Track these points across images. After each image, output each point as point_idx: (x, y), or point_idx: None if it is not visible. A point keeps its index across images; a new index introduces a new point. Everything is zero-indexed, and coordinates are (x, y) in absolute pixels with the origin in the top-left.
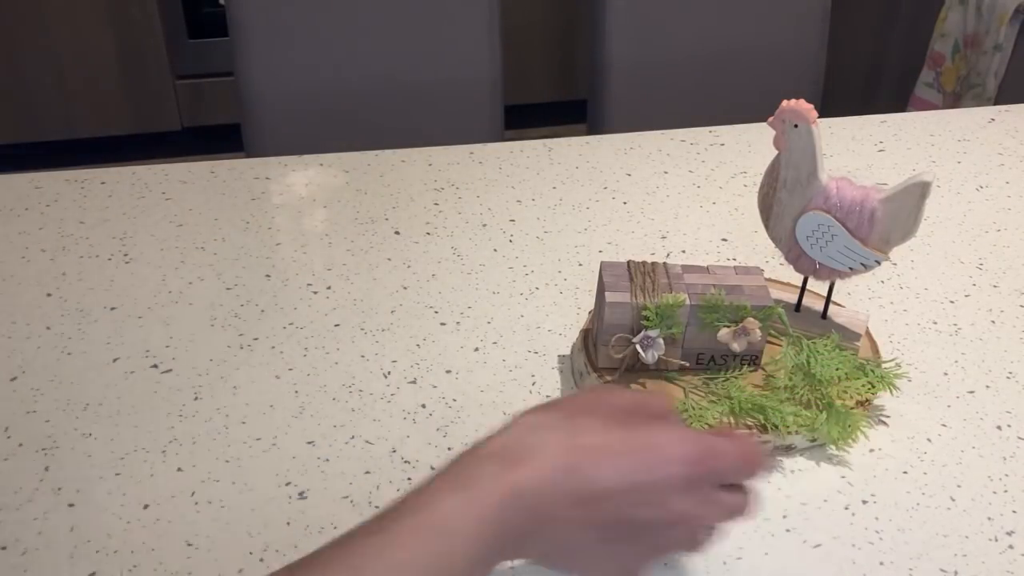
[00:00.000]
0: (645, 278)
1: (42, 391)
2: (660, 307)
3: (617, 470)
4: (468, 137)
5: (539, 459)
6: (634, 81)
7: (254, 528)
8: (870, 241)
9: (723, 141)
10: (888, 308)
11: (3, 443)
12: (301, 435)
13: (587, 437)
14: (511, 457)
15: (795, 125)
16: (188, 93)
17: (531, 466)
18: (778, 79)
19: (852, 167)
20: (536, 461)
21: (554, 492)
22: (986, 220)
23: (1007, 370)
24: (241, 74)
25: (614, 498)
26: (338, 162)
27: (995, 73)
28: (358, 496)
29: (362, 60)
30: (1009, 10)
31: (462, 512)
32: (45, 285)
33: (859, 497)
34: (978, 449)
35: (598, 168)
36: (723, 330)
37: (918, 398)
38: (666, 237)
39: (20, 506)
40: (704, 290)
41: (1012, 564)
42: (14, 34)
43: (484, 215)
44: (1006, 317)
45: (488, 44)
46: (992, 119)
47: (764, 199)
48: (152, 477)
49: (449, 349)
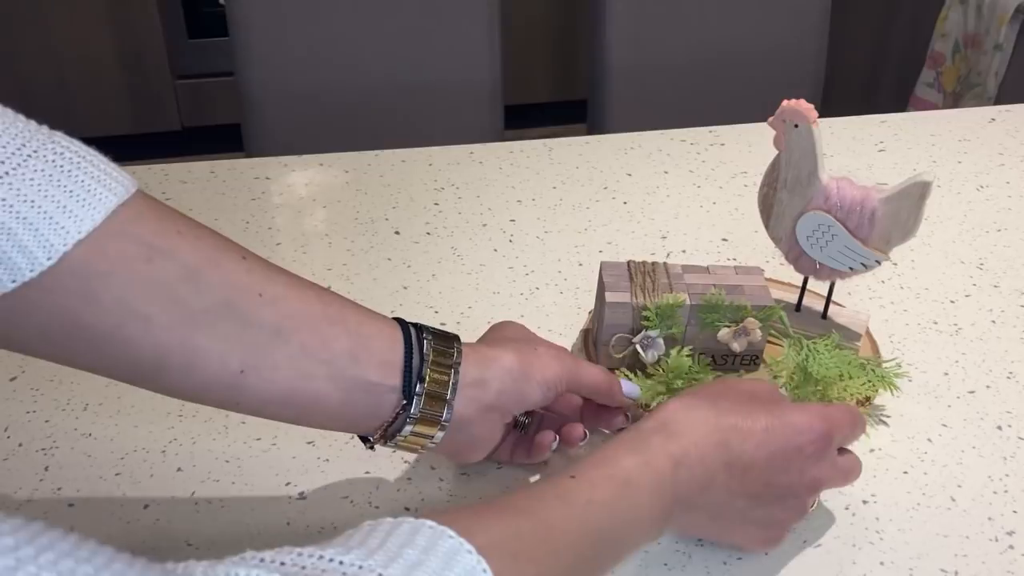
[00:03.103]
0: (645, 278)
1: (42, 391)
2: (660, 307)
3: (759, 444)
4: (468, 137)
5: (695, 434)
6: (634, 81)
7: (254, 528)
8: (870, 241)
9: (723, 141)
10: (888, 308)
11: (3, 443)
12: (301, 435)
13: (730, 417)
14: (672, 430)
15: (795, 125)
16: (188, 93)
17: (690, 439)
18: (778, 79)
19: (852, 167)
20: (694, 435)
21: (711, 462)
22: (986, 220)
23: (1007, 370)
24: (241, 74)
25: (758, 467)
26: (338, 162)
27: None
28: (358, 496)
29: (362, 60)
30: (1009, 10)
31: (641, 470)
32: None
33: (859, 497)
34: (978, 449)
35: (598, 168)
36: (723, 330)
37: (918, 398)
38: (666, 237)
39: (20, 506)
40: (704, 290)
41: (1012, 564)
42: (14, 34)
43: (484, 215)
44: (1006, 317)
45: (488, 44)
46: (992, 119)
47: (764, 199)
48: (152, 477)
49: None
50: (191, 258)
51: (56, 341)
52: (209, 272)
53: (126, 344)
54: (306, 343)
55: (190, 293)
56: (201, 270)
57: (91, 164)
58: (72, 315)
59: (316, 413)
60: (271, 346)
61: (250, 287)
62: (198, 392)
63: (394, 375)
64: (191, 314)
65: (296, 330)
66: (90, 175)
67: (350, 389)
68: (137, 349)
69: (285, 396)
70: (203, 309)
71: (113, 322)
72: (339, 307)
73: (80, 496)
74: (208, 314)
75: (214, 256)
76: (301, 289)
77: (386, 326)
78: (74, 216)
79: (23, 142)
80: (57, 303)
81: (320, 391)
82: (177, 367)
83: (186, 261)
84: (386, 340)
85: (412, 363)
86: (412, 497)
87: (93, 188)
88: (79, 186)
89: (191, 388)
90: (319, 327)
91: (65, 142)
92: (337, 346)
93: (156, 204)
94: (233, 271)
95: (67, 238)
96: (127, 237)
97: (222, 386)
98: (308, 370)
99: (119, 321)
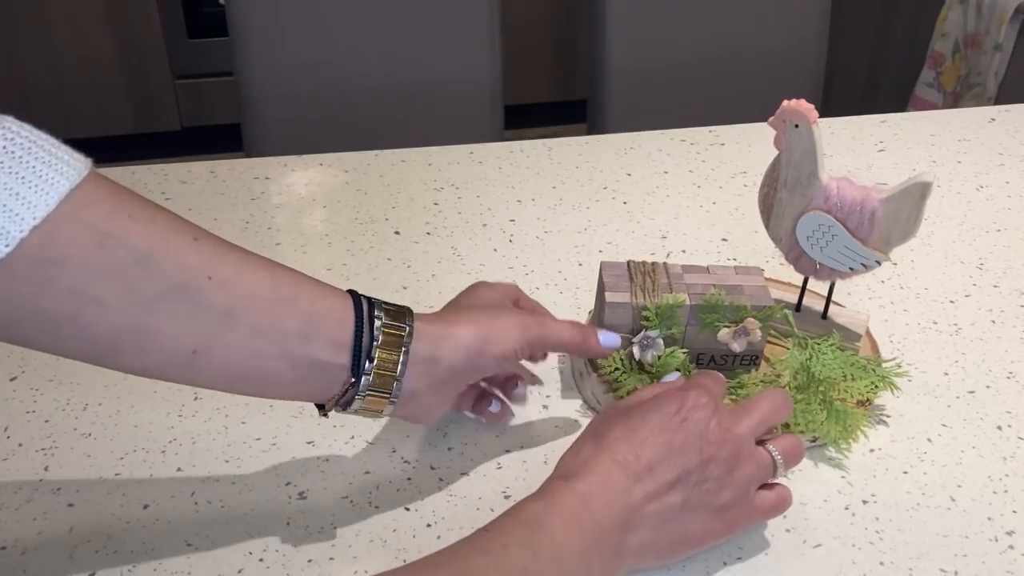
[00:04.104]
0: (645, 278)
1: (42, 391)
2: (660, 307)
3: (646, 441)
4: (468, 137)
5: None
6: (634, 81)
7: (254, 528)
8: (870, 241)
9: (723, 141)
10: (888, 308)
11: (3, 443)
12: (301, 435)
13: (612, 435)
14: (570, 473)
15: (795, 125)
16: (188, 93)
17: (588, 473)
18: (778, 79)
19: (852, 167)
20: (589, 469)
21: (617, 483)
22: (986, 220)
23: (1007, 370)
24: (241, 74)
25: (660, 459)
26: (338, 162)
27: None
28: (358, 496)
29: (362, 60)
30: (1009, 10)
31: (549, 510)
32: None
33: (859, 497)
34: (978, 449)
35: (598, 168)
36: (723, 330)
37: (918, 398)
38: (666, 237)
39: (20, 506)
40: (704, 290)
41: (1012, 564)
42: (14, 34)
43: (484, 215)
44: (1006, 317)
45: (488, 44)
46: (992, 119)
47: (764, 199)
48: (152, 477)
49: None
50: (142, 243)
51: (11, 326)
52: (160, 256)
53: (81, 328)
54: (256, 324)
55: (141, 277)
56: (151, 254)
57: (42, 149)
58: (28, 301)
59: (269, 389)
60: (222, 328)
61: (200, 270)
62: (153, 371)
63: (344, 354)
64: (143, 298)
65: (246, 312)
66: (41, 160)
67: (301, 367)
68: (92, 332)
69: (238, 374)
70: (155, 293)
71: (68, 307)
72: (290, 286)
73: (80, 496)
74: (159, 298)
75: (165, 239)
76: (252, 270)
77: (338, 304)
78: (27, 203)
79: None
80: (12, 289)
81: (272, 369)
82: (131, 348)
83: (137, 245)
84: (337, 319)
85: (362, 343)
86: (412, 497)
87: (45, 173)
88: (31, 172)
89: (146, 367)
90: (269, 308)
91: (15, 127)
92: (287, 327)
93: (109, 186)
94: (183, 254)
95: (22, 225)
96: (79, 223)
97: (176, 366)
98: (259, 350)
99: (74, 306)
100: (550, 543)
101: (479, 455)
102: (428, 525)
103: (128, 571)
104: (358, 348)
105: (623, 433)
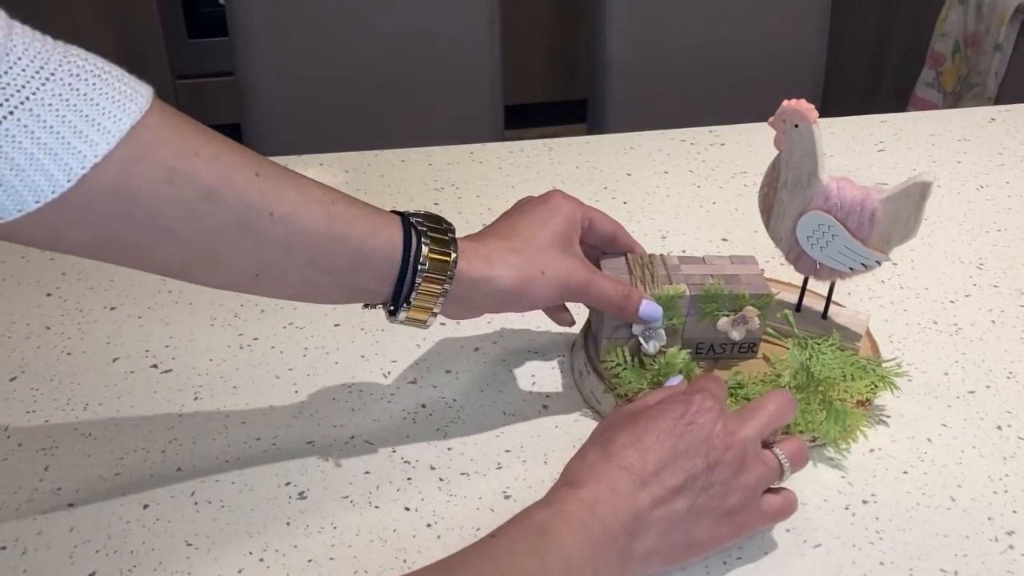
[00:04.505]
0: (644, 270)
1: (42, 391)
2: (661, 298)
3: (652, 447)
4: (468, 137)
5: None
6: (634, 81)
7: (254, 528)
8: (871, 241)
9: (723, 141)
10: (888, 308)
11: (3, 443)
12: (301, 435)
13: (618, 441)
14: (576, 480)
15: (796, 125)
16: (188, 93)
17: (594, 479)
18: (778, 79)
19: (852, 167)
20: (595, 475)
21: (624, 489)
22: (986, 220)
23: (1007, 370)
24: (241, 74)
25: (666, 464)
26: (338, 162)
27: (995, 73)
28: (358, 496)
29: (362, 60)
30: (1009, 10)
31: (555, 517)
32: (45, 285)
33: (859, 497)
34: (978, 449)
35: (598, 168)
36: (723, 319)
37: (918, 398)
38: (666, 237)
39: (20, 506)
40: (702, 280)
41: (1012, 564)
42: None
43: (484, 215)
44: (1006, 317)
45: (488, 44)
46: (992, 119)
47: (764, 199)
48: (152, 477)
49: (449, 349)
50: (208, 179)
51: (95, 250)
52: (224, 193)
53: (156, 254)
54: (312, 257)
55: (208, 212)
56: (217, 191)
57: (105, 83)
58: (107, 230)
59: (323, 301)
60: (282, 258)
61: (262, 206)
62: (221, 287)
63: (389, 284)
64: (210, 229)
65: (303, 246)
66: (105, 95)
67: (352, 291)
68: (166, 258)
69: (296, 292)
70: (220, 225)
71: (143, 236)
72: (345, 222)
73: (80, 496)
74: (225, 230)
75: (229, 176)
76: (310, 206)
77: (386, 244)
78: (90, 141)
79: (41, 64)
80: (93, 220)
81: (326, 291)
82: (201, 270)
83: (203, 182)
84: (384, 259)
85: (404, 284)
86: (412, 497)
87: (108, 109)
88: (95, 109)
89: (215, 284)
90: (324, 244)
91: (80, 60)
92: (340, 262)
93: (174, 119)
94: (247, 191)
95: (84, 161)
96: (149, 160)
97: (241, 286)
98: (314, 277)
99: (149, 236)
100: (557, 551)
101: (479, 455)
102: (428, 525)
103: (128, 571)
104: (401, 283)
105: (629, 439)
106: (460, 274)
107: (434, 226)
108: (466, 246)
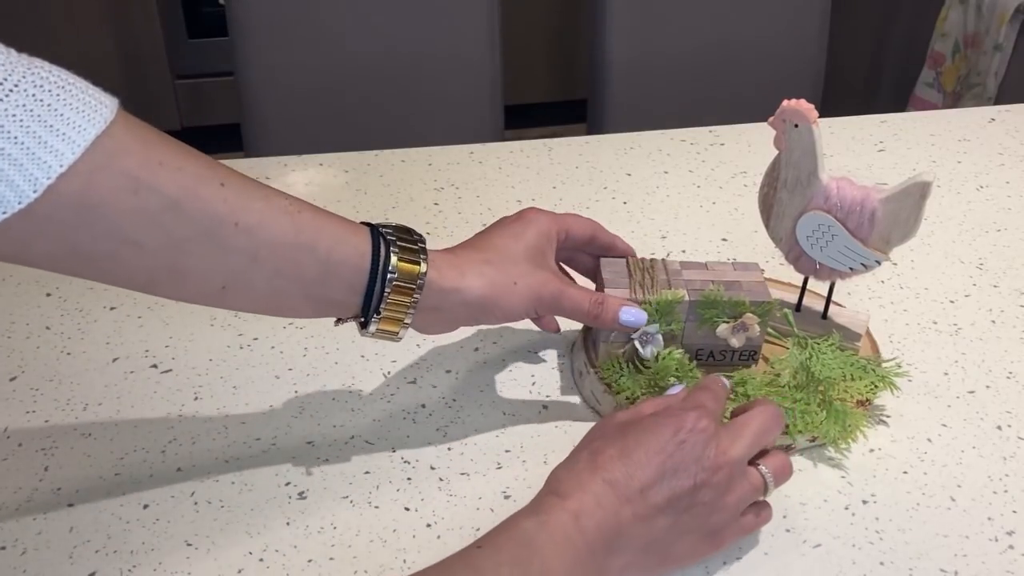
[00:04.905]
0: (644, 274)
1: (42, 391)
2: (659, 303)
3: (640, 463)
4: (468, 137)
5: (583, 484)
6: (634, 81)
7: (254, 528)
8: (870, 241)
9: (723, 141)
10: (888, 308)
11: (2, 443)
12: (301, 435)
13: (606, 453)
14: (563, 490)
15: (795, 125)
16: (188, 93)
17: (580, 490)
18: (778, 79)
19: (852, 167)
20: (581, 486)
21: (608, 503)
22: (986, 220)
23: (1007, 370)
24: (241, 74)
25: (653, 482)
26: (338, 162)
27: (995, 73)
28: (358, 496)
29: (362, 60)
30: (1009, 10)
31: (540, 528)
32: (45, 285)
33: (859, 497)
34: (978, 449)
35: (598, 168)
36: (722, 326)
37: (918, 398)
38: (666, 237)
39: (20, 506)
40: (702, 286)
41: (1012, 564)
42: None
43: (484, 215)
44: (1006, 317)
45: (488, 44)
46: (992, 119)
47: (764, 199)
48: (152, 477)
49: (449, 349)
50: (172, 190)
51: (57, 262)
52: (189, 204)
53: (121, 266)
54: (279, 268)
55: (173, 222)
56: (181, 202)
57: (70, 94)
58: (71, 242)
59: (291, 314)
60: (248, 269)
61: (227, 217)
62: (187, 300)
63: (357, 296)
64: (175, 241)
65: (270, 257)
66: (69, 106)
67: (319, 303)
68: (131, 269)
69: (264, 306)
70: (185, 237)
71: (108, 247)
72: (312, 232)
73: (80, 496)
74: (190, 242)
75: (194, 187)
76: (275, 216)
77: (354, 254)
78: (54, 151)
79: (4, 76)
80: (57, 231)
81: (293, 303)
82: (166, 282)
83: (167, 193)
84: (352, 269)
85: (373, 294)
86: (412, 497)
87: (73, 120)
88: (59, 119)
89: (181, 298)
90: (291, 255)
91: (44, 72)
92: (307, 273)
93: (138, 130)
94: (211, 202)
95: (49, 172)
96: (113, 171)
97: (208, 298)
98: (281, 288)
99: (113, 247)
100: (540, 565)
101: (479, 455)
102: (428, 525)
103: (128, 571)
104: (370, 294)
105: (618, 452)
106: (430, 283)
107: (404, 236)
108: (437, 256)
